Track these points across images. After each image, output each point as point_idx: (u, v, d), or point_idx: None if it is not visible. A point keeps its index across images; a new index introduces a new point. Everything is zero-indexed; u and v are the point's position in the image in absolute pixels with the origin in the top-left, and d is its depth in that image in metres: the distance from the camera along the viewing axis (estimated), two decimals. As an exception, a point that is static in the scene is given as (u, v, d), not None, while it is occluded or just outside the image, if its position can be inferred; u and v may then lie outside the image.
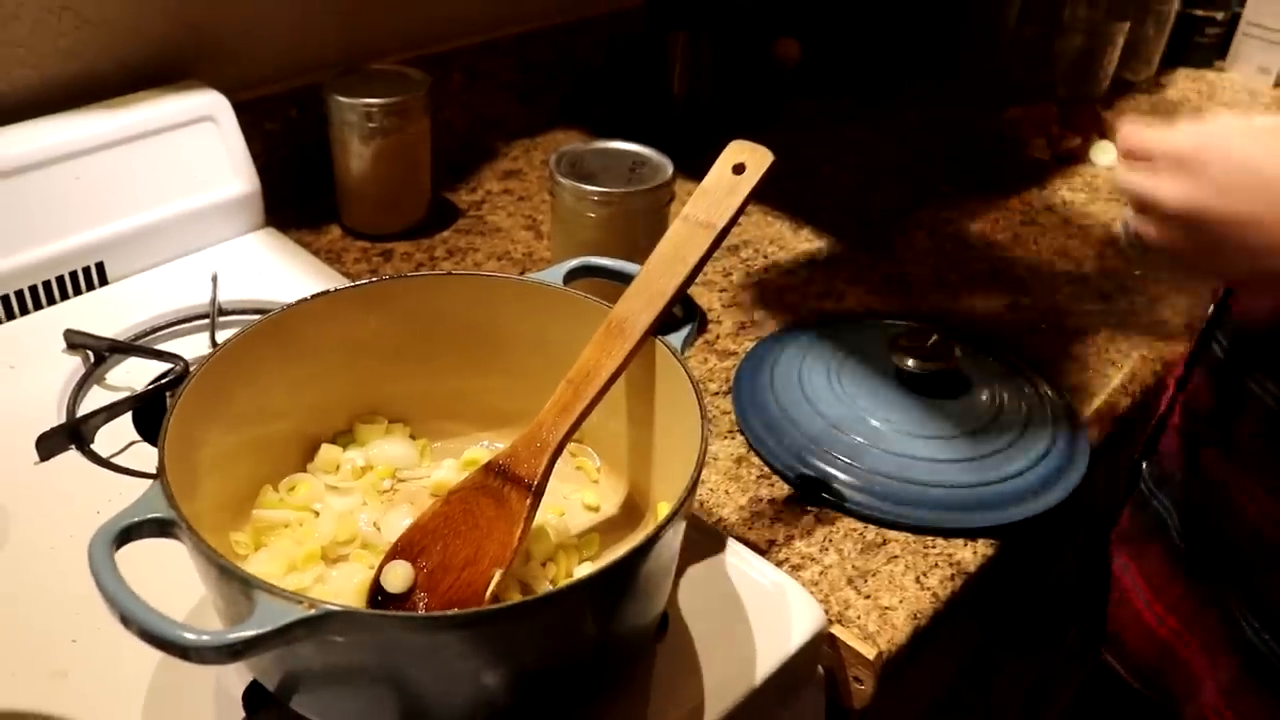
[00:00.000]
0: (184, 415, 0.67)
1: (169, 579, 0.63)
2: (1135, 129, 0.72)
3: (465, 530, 0.68)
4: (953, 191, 1.43)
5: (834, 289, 1.19)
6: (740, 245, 1.27)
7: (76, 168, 1.04)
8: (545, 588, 0.70)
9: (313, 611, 0.53)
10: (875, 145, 1.54)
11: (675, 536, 0.63)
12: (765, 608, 0.78)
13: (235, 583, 0.55)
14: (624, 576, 0.59)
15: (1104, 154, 1.51)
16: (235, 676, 0.70)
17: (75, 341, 0.98)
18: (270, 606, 0.53)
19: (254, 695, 0.67)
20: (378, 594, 0.66)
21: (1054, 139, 1.53)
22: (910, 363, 0.97)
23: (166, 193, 1.10)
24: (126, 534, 0.57)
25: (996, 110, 1.63)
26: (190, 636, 0.52)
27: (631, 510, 0.79)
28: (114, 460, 0.88)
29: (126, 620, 0.53)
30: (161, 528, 0.59)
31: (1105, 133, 1.54)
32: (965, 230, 1.34)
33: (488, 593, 0.65)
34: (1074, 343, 1.13)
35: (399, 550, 0.68)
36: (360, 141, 1.16)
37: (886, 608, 0.81)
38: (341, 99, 1.15)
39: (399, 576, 0.67)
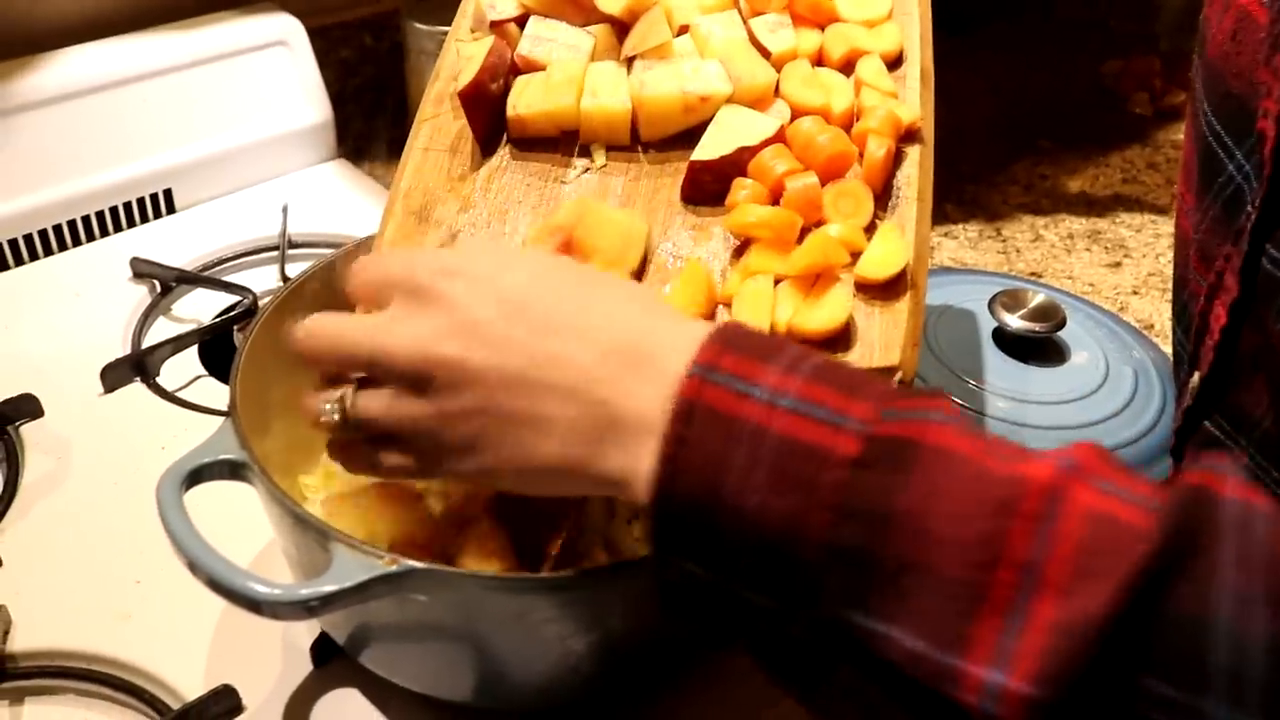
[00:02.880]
0: (256, 351, 0.65)
1: (233, 520, 0.60)
2: (365, 259, 0.54)
3: None
4: (1050, 146, 1.36)
5: (926, 243, 1.14)
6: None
7: (145, 90, 1.01)
8: (632, 547, 0.65)
9: (394, 568, 0.50)
10: (966, 94, 1.47)
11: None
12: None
13: (311, 533, 0.52)
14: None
15: (1212, 111, 1.43)
16: (304, 627, 0.67)
17: (142, 270, 0.96)
18: (349, 561, 0.50)
19: (323, 648, 0.64)
20: None
21: (1157, 94, 1.45)
22: (1013, 322, 0.91)
23: (237, 119, 1.07)
24: (196, 475, 0.55)
25: (1093, 61, 1.55)
26: (262, 590, 0.49)
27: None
28: (179, 394, 0.86)
29: (195, 567, 0.50)
30: (233, 470, 0.56)
31: (1213, 88, 1.46)
32: (1063, 187, 1.28)
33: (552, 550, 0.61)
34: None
35: None
36: (437, 72, 1.12)
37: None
38: (419, 25, 1.10)
39: None
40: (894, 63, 0.70)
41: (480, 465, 0.48)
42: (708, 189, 0.65)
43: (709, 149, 0.64)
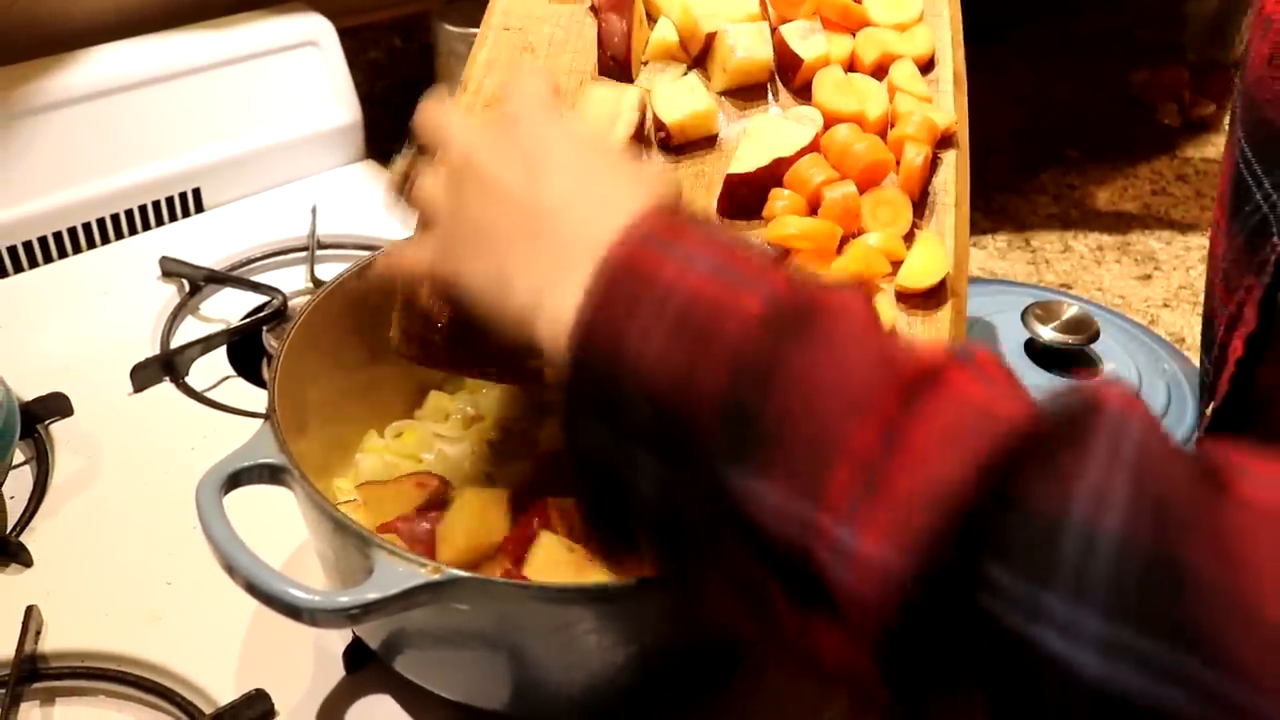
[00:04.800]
0: (293, 354, 0.64)
1: (263, 522, 0.59)
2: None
3: None
4: (1078, 156, 1.35)
5: (954, 252, 1.13)
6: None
7: (175, 89, 1.01)
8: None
9: (437, 576, 0.49)
10: (991, 103, 1.46)
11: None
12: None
13: (351, 539, 0.52)
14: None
15: (1241, 122, 1.42)
16: (337, 632, 0.66)
17: (171, 269, 0.96)
18: (391, 569, 0.49)
19: (356, 653, 0.64)
20: None
21: (1186, 105, 1.44)
22: (1046, 334, 0.90)
23: (266, 119, 1.06)
24: (236, 479, 0.54)
25: (1119, 71, 1.54)
26: (303, 596, 0.48)
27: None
28: (208, 395, 0.86)
29: (234, 571, 0.49)
30: (272, 474, 0.55)
31: (1242, 100, 1.45)
32: (1092, 197, 1.27)
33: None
34: (1212, 322, 1.06)
35: None
36: (467, 74, 1.11)
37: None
38: (450, 28, 1.10)
39: None
40: (926, 66, 0.70)
41: (456, 268, 0.51)
42: (745, 202, 0.64)
43: (745, 161, 0.64)
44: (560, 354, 0.45)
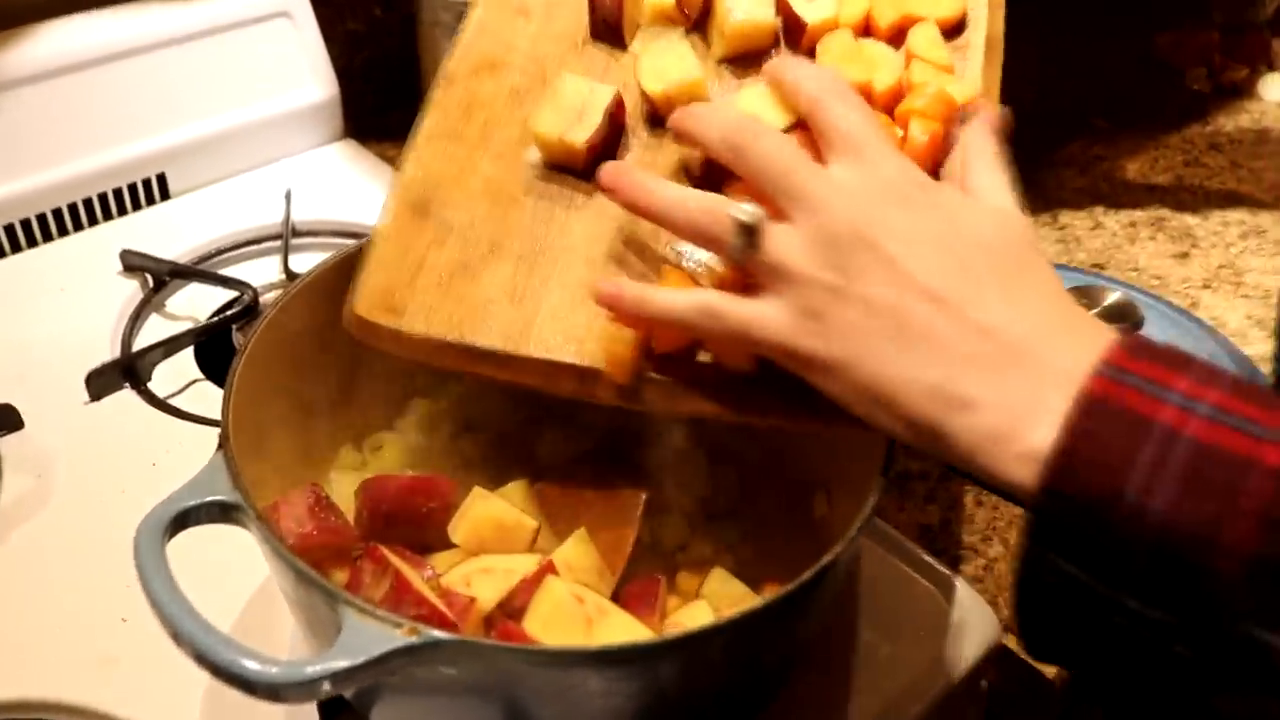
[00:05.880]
0: (257, 362, 0.58)
1: (228, 546, 0.54)
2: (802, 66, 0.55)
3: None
4: (1105, 125, 1.28)
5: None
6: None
7: (136, 67, 0.96)
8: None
9: (414, 639, 0.42)
10: (1011, 68, 1.39)
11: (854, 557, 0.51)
12: (923, 611, 0.66)
13: (317, 593, 0.44)
14: (796, 605, 0.47)
15: (1275, 88, 1.35)
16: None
17: (132, 263, 0.91)
18: (361, 630, 0.43)
19: (331, 702, 0.57)
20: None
21: (1215, 69, 1.38)
22: (1086, 323, 0.84)
23: (236, 97, 1.01)
24: (182, 520, 0.48)
25: (1142, 34, 1.47)
26: (255, 668, 0.41)
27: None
28: (172, 402, 0.80)
29: (179, 639, 0.43)
30: (224, 512, 0.49)
31: (1275, 64, 1.38)
32: (1121, 170, 1.20)
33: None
34: (1256, 303, 0.99)
35: None
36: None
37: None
38: (433, -4, 1.04)
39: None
40: (955, 30, 0.64)
41: (845, 355, 0.47)
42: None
43: None
44: (1029, 486, 0.43)
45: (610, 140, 0.60)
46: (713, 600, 0.56)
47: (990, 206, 0.51)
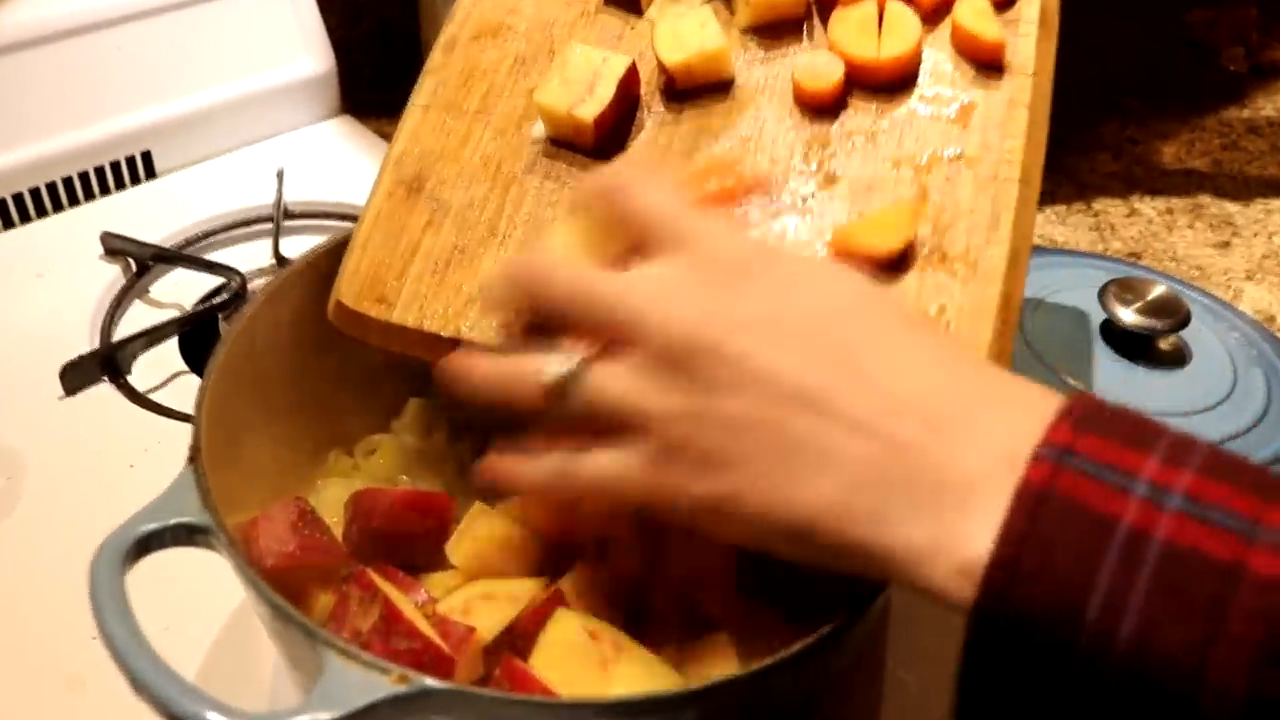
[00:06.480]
0: (236, 362, 0.55)
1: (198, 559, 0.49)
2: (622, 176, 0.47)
3: None
4: (1138, 106, 1.24)
5: (1009, 217, 1.03)
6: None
7: (119, 37, 0.94)
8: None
9: (403, 689, 0.38)
10: (1038, 46, 1.35)
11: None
12: (953, 644, 0.61)
13: (296, 630, 0.40)
14: (833, 645, 0.43)
15: (1317, 67, 1.31)
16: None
17: (114, 247, 0.89)
18: (344, 675, 0.38)
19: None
20: None
21: (1253, 48, 1.36)
22: (1129, 317, 0.79)
23: (225, 70, 1.00)
24: (144, 545, 0.44)
25: (1176, 11, 1.43)
26: (223, 720, 0.37)
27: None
28: (154, 397, 0.78)
29: (137, 687, 0.38)
30: (191, 535, 0.45)
31: (1316, 42, 1.34)
32: (1157, 153, 1.17)
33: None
34: (1306, 296, 0.95)
35: None
36: (454, 16, 1.02)
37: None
38: (434, -36, 1.00)
39: None
40: (1006, 2, 0.60)
41: (723, 491, 0.39)
42: None
43: None
44: (963, 602, 0.36)
45: (623, 115, 0.57)
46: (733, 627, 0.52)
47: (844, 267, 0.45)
